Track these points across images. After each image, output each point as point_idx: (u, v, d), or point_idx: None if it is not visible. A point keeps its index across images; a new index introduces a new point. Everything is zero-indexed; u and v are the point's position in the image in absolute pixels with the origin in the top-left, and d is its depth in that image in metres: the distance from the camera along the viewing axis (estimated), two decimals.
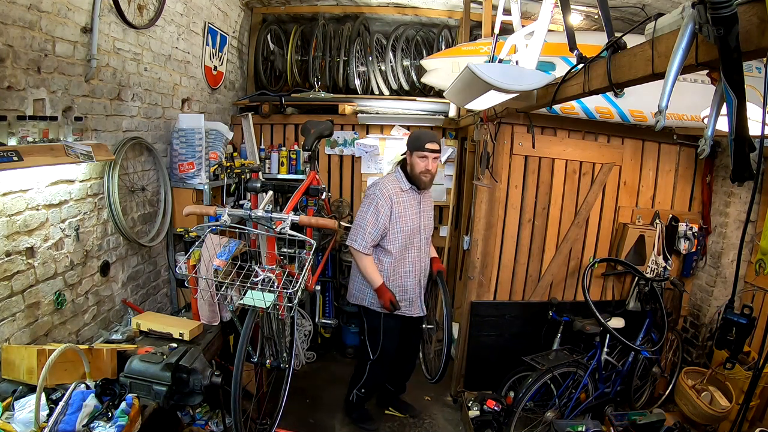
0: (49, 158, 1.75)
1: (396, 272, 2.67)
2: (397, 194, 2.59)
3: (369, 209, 2.57)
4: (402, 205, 2.60)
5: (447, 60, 3.24)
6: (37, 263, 1.87)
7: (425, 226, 2.73)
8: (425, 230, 2.73)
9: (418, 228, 2.68)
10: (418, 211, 2.67)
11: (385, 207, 2.55)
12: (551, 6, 1.91)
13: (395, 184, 2.61)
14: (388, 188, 2.58)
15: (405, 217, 2.61)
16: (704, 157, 1.30)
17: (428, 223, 2.77)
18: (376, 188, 2.60)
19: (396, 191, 2.59)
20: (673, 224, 3.28)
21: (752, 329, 1.25)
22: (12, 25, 1.67)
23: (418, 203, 2.68)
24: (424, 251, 2.75)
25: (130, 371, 1.76)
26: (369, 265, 2.60)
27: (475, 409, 3.04)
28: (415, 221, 2.66)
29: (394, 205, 2.57)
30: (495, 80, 1.71)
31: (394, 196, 2.57)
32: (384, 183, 2.61)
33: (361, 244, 2.57)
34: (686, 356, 3.38)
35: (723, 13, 0.82)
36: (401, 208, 2.60)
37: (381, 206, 2.55)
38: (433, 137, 2.57)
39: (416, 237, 2.68)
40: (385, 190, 2.57)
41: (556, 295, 3.32)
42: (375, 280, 2.61)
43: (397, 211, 2.59)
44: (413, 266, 2.70)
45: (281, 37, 4.21)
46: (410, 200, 2.64)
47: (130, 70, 2.43)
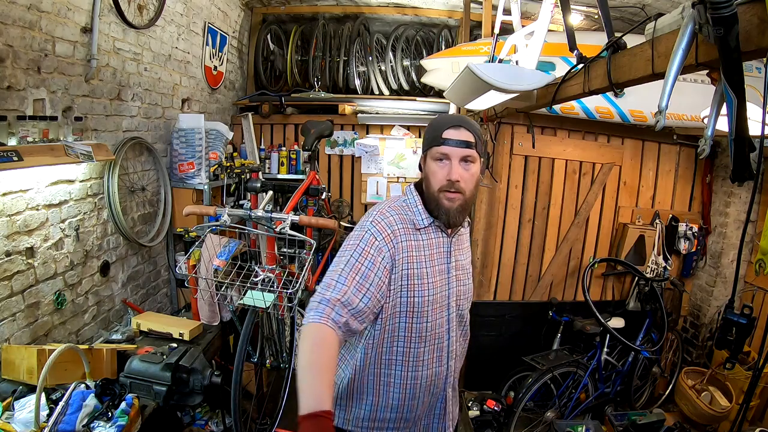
0: (49, 158, 1.75)
1: (394, 382, 1.35)
2: (408, 234, 1.30)
3: (350, 251, 1.25)
4: (417, 256, 1.30)
5: (447, 60, 3.24)
6: (37, 263, 1.87)
7: (459, 297, 1.40)
8: (459, 305, 1.41)
9: (446, 301, 1.36)
10: (446, 267, 1.37)
11: (382, 253, 1.24)
12: (551, 6, 1.91)
13: (405, 216, 1.32)
14: (390, 220, 1.29)
15: (422, 278, 1.30)
16: (704, 157, 1.30)
17: (465, 289, 1.43)
18: (370, 217, 1.32)
19: (405, 229, 1.30)
20: (673, 224, 3.28)
21: (752, 329, 1.25)
22: (12, 25, 1.66)
23: (446, 253, 1.37)
24: (454, 346, 1.40)
25: (130, 371, 1.77)
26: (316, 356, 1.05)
27: (475, 409, 3.04)
28: (442, 287, 1.35)
29: (402, 253, 1.28)
30: (495, 80, 1.71)
31: (401, 236, 1.29)
32: (384, 211, 1.32)
33: (318, 309, 1.14)
34: (686, 356, 3.38)
35: (723, 13, 0.82)
36: (415, 261, 1.29)
37: (372, 250, 1.24)
38: (460, 120, 1.31)
39: (441, 317, 1.36)
40: (384, 221, 1.29)
41: (556, 295, 3.32)
42: (310, 395, 0.96)
43: (408, 267, 1.28)
44: (429, 372, 1.36)
45: (281, 37, 4.21)
46: (433, 247, 1.34)
47: (130, 70, 2.43)
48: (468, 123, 1.31)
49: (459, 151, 1.27)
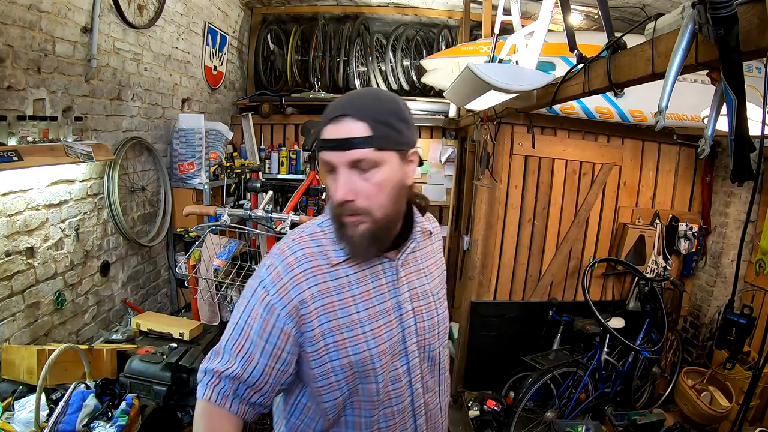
0: (49, 158, 1.75)
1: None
2: (320, 275, 0.92)
3: (240, 308, 0.95)
4: (339, 302, 0.93)
5: (447, 60, 3.24)
6: (37, 263, 1.87)
7: (424, 336, 1.03)
8: (426, 345, 1.03)
9: (400, 347, 0.99)
10: (394, 303, 0.98)
11: (275, 312, 0.90)
12: (551, 6, 1.91)
13: (316, 249, 0.95)
14: (290, 261, 0.92)
15: (353, 329, 0.93)
16: (704, 157, 1.30)
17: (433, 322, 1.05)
18: (269, 258, 0.96)
19: (315, 269, 0.92)
20: (673, 224, 3.28)
21: (752, 329, 1.25)
22: (12, 25, 1.67)
23: (391, 284, 0.98)
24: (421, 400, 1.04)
25: (130, 371, 1.77)
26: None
27: (475, 409, 3.04)
28: (391, 333, 0.97)
29: (313, 304, 0.91)
30: (495, 80, 1.71)
31: (309, 281, 0.91)
32: (285, 248, 0.95)
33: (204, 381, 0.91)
34: (686, 356, 3.38)
35: (723, 13, 0.82)
36: (337, 308, 0.93)
37: (262, 309, 0.91)
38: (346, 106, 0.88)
39: (397, 369, 0.99)
40: (282, 265, 0.92)
41: (556, 295, 3.32)
42: None
43: (328, 320, 0.92)
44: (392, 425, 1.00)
45: (281, 37, 4.21)
46: (365, 281, 0.96)
47: (130, 70, 2.43)
48: (359, 106, 0.87)
49: (342, 156, 0.85)
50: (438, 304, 1.07)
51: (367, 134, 0.85)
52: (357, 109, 0.88)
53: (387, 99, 0.93)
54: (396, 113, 0.91)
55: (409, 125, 0.93)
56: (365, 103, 0.89)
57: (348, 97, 0.92)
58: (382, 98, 0.93)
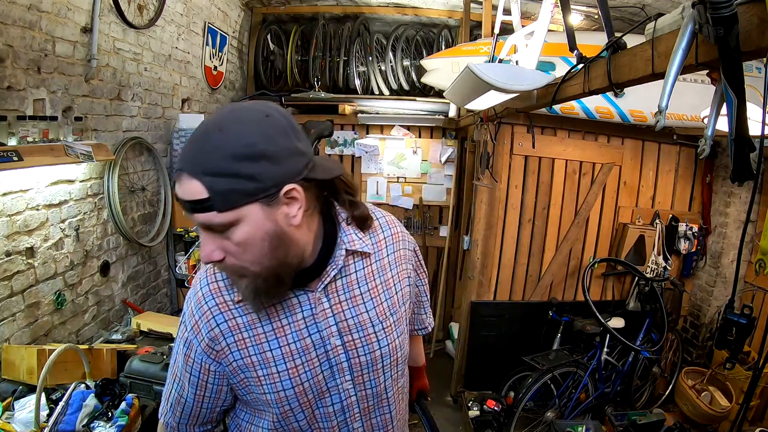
0: (49, 158, 1.75)
1: None
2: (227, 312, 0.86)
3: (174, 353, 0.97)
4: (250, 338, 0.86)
5: (447, 60, 3.24)
6: (37, 263, 1.87)
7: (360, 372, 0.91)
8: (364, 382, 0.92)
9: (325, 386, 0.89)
10: (315, 340, 0.87)
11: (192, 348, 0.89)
12: (551, 6, 1.91)
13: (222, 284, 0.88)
14: (199, 297, 0.88)
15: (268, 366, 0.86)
16: (704, 157, 1.30)
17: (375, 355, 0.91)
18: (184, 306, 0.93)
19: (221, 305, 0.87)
20: (673, 224, 3.28)
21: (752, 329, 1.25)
22: (12, 25, 1.67)
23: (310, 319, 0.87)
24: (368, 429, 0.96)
25: (130, 371, 1.77)
26: None
27: (475, 409, 3.04)
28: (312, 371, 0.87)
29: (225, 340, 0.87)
30: (495, 80, 1.71)
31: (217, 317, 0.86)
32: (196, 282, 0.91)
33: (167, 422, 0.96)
34: (686, 356, 3.38)
35: (723, 13, 0.82)
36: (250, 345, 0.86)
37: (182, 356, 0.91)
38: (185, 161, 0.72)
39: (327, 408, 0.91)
40: (193, 301, 0.89)
41: (556, 295, 3.32)
42: None
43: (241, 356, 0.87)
44: None
45: (281, 37, 4.21)
46: (278, 316, 0.86)
47: (130, 70, 2.43)
48: (192, 158, 0.71)
49: (192, 218, 0.73)
50: (384, 333, 0.91)
51: (203, 196, 0.69)
52: (190, 162, 0.71)
53: (230, 137, 0.70)
54: (245, 154, 0.69)
55: (273, 159, 0.71)
56: (198, 153, 0.71)
57: (188, 142, 0.74)
58: (224, 138, 0.70)
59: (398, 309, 0.96)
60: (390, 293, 0.94)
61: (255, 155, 0.70)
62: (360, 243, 0.89)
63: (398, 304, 0.96)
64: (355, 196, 0.91)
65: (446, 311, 4.22)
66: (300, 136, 0.77)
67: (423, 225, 4.13)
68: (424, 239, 4.15)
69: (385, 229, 0.97)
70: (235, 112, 0.74)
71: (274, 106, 0.77)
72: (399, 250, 0.98)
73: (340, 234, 0.88)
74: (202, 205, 0.70)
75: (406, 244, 1.01)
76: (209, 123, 0.73)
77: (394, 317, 0.94)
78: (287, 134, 0.74)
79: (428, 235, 4.17)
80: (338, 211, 0.90)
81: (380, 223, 0.96)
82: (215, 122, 0.73)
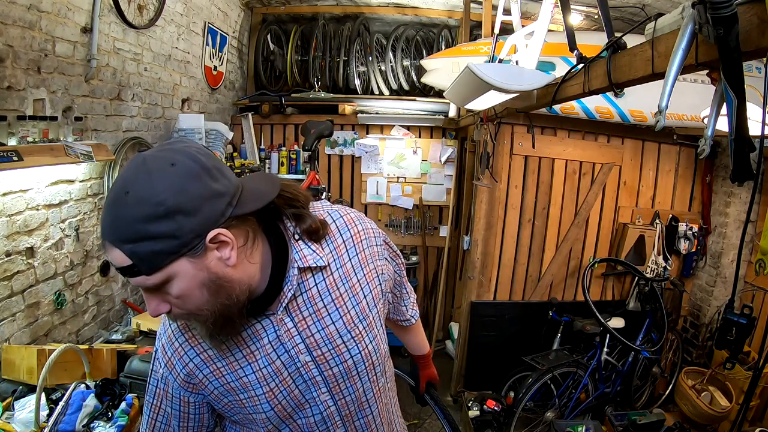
0: (49, 158, 1.75)
1: None
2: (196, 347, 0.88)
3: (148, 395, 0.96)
4: (224, 368, 0.87)
5: (447, 60, 3.24)
6: (37, 263, 1.87)
7: (336, 383, 0.91)
8: (341, 392, 0.92)
9: (303, 399, 0.90)
10: (285, 360, 0.87)
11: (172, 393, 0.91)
12: (551, 6, 1.91)
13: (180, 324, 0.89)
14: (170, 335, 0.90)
15: (248, 390, 0.88)
16: (704, 157, 1.30)
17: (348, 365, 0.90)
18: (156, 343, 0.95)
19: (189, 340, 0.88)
20: (673, 224, 3.28)
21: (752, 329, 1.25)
22: (12, 25, 1.66)
23: (275, 342, 0.86)
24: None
25: (130, 371, 1.77)
26: None
27: (475, 409, 3.04)
28: (287, 390, 0.88)
29: (201, 373, 0.88)
30: (495, 80, 1.71)
31: (188, 352, 0.88)
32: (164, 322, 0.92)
33: None
34: (686, 356, 3.38)
35: (723, 13, 0.83)
36: (226, 374, 0.87)
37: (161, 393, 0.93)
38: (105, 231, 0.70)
39: (308, 419, 0.91)
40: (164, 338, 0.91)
41: (556, 295, 3.32)
42: None
43: (220, 384, 0.88)
44: None
45: (281, 37, 4.21)
46: (245, 343, 0.86)
47: (130, 70, 2.43)
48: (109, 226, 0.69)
49: (131, 281, 0.73)
50: (354, 342, 0.90)
51: (128, 263, 0.69)
52: (108, 231, 0.69)
53: (139, 199, 0.66)
54: (156, 214, 0.66)
55: (188, 211, 0.68)
56: (114, 220, 0.68)
57: (104, 207, 0.71)
58: (133, 200, 0.67)
59: (368, 313, 0.92)
60: (357, 299, 0.91)
61: (168, 213, 0.66)
62: (313, 257, 0.85)
63: (368, 308, 0.92)
64: (302, 208, 0.86)
65: (446, 311, 4.22)
66: (216, 175, 0.71)
67: (423, 225, 4.13)
68: (424, 239, 4.15)
69: (344, 231, 0.91)
70: (139, 167, 0.69)
71: (182, 149, 0.72)
72: (363, 251, 0.92)
73: (291, 252, 0.84)
74: (131, 270, 0.69)
75: (372, 240, 0.95)
76: (118, 185, 0.69)
77: (364, 323, 0.91)
78: (199, 178, 0.69)
79: (428, 235, 4.17)
80: (287, 226, 0.86)
81: (337, 226, 0.91)
82: (122, 184, 0.69)
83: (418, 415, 3.17)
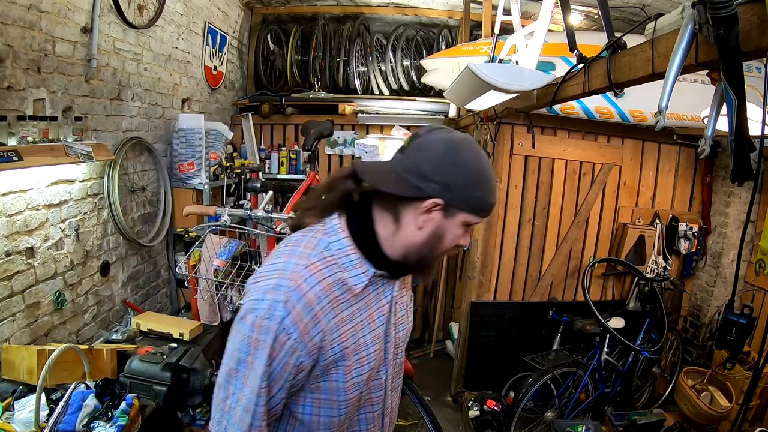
0: (49, 158, 1.75)
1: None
2: (338, 307, 0.90)
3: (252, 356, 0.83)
4: (350, 329, 0.92)
5: (447, 60, 3.24)
6: (37, 263, 1.87)
7: (398, 347, 1.07)
8: (396, 356, 1.07)
9: (382, 366, 1.03)
10: (385, 325, 1.00)
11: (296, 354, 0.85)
12: (551, 6, 1.91)
13: (333, 278, 0.89)
14: (310, 297, 0.85)
15: (359, 353, 0.94)
16: (704, 157, 1.30)
17: (405, 332, 1.10)
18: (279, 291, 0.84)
19: (333, 301, 0.89)
20: (673, 224, 3.28)
21: (752, 329, 1.25)
22: (12, 25, 1.66)
23: (388, 306, 1.00)
24: (388, 402, 1.09)
25: (130, 371, 1.76)
26: None
27: (475, 409, 3.04)
28: (378, 354, 0.99)
29: (329, 337, 0.89)
30: (495, 80, 1.71)
31: (328, 315, 0.88)
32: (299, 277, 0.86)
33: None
34: (686, 356, 3.38)
35: (723, 13, 0.83)
36: (349, 336, 0.92)
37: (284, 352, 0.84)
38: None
39: (379, 383, 1.03)
40: (302, 302, 0.84)
41: (556, 295, 3.32)
42: None
43: (341, 349, 0.91)
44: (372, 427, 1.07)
45: (281, 37, 4.21)
46: (372, 305, 0.97)
47: (130, 70, 2.43)
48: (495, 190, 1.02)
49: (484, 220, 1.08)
50: (410, 313, 1.10)
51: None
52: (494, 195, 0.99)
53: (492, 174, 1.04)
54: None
55: None
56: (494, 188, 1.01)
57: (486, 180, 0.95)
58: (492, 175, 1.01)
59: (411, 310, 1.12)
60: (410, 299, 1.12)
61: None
62: None
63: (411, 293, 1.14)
64: None
65: (446, 311, 4.22)
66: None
67: None
68: None
69: None
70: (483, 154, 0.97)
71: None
72: None
73: None
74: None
75: None
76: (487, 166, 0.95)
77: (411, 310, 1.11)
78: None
79: None
80: None
81: None
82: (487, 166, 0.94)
83: (418, 415, 3.17)
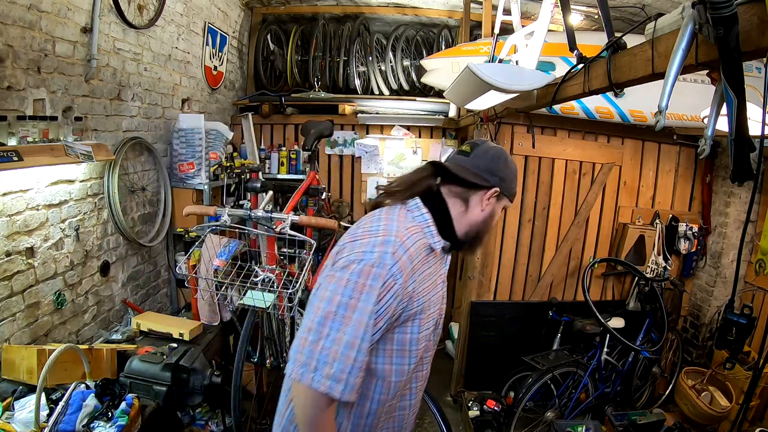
0: (49, 158, 1.75)
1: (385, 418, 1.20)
2: (424, 265, 1.13)
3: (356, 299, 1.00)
4: (426, 288, 1.14)
5: (447, 60, 3.24)
6: (37, 263, 1.87)
7: (442, 314, 1.29)
8: (440, 324, 1.29)
9: (437, 322, 1.24)
10: (443, 288, 1.26)
11: (399, 298, 1.04)
12: (551, 6, 1.91)
13: (422, 241, 1.13)
14: (411, 252, 1.07)
15: (429, 310, 1.16)
16: (704, 157, 1.30)
17: (445, 306, 1.31)
18: (387, 246, 1.04)
19: (422, 259, 1.12)
20: (673, 224, 3.28)
21: (752, 329, 1.25)
22: (12, 25, 1.67)
23: (443, 275, 1.27)
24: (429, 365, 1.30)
25: (130, 371, 1.77)
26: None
27: (475, 409, 3.04)
28: (438, 311, 1.24)
29: (418, 288, 1.10)
30: (495, 80, 1.71)
31: (419, 270, 1.10)
32: (404, 237, 1.08)
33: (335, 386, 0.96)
34: (686, 356, 3.38)
35: (723, 13, 0.82)
36: (426, 293, 1.14)
37: (389, 294, 1.02)
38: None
39: (433, 339, 1.25)
40: (406, 255, 1.05)
41: (556, 295, 3.32)
42: None
43: (420, 303, 1.11)
44: (415, 397, 1.29)
45: (281, 37, 4.21)
46: (438, 272, 1.21)
47: (130, 70, 2.43)
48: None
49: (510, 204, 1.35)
50: (445, 285, 1.30)
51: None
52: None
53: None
54: None
55: None
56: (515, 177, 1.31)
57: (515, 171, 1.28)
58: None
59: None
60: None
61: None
62: None
63: None
64: None
65: (446, 311, 4.22)
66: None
67: None
68: None
69: None
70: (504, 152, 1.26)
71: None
72: None
73: None
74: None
75: None
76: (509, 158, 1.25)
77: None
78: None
79: None
80: None
81: None
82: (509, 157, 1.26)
83: (418, 415, 3.16)
